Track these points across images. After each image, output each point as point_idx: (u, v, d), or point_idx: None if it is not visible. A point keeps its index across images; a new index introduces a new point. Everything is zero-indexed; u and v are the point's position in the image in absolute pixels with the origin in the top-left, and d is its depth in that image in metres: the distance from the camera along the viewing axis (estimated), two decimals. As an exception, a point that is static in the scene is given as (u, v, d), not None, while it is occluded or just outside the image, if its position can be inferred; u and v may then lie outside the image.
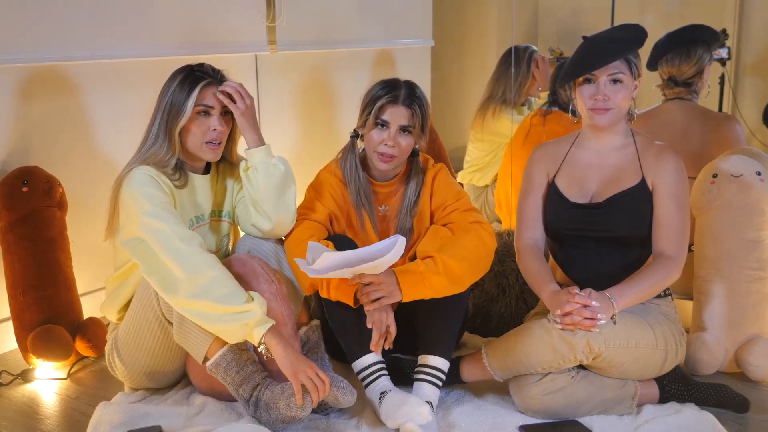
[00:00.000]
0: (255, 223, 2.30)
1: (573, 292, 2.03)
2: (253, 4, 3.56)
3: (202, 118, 2.18)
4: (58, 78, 2.86)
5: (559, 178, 2.29)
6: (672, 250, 2.13)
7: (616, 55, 2.12)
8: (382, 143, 2.24)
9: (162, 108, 2.17)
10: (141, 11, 3.09)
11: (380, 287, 2.07)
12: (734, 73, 5.33)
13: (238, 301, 2.00)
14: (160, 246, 2.04)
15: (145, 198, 2.08)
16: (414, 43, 4.65)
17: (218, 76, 2.21)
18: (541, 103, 3.64)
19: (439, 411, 2.18)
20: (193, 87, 2.15)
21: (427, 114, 2.28)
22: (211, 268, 2.02)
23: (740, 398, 2.19)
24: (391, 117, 2.23)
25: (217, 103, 2.19)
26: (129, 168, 2.15)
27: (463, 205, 2.32)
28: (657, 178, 2.17)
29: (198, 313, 2.02)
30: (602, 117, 2.16)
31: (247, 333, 2.01)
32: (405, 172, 2.37)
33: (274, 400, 2.03)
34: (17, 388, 2.49)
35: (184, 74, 2.18)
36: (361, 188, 2.32)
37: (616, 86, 2.13)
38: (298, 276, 2.21)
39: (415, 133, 2.26)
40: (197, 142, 2.19)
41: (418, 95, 2.27)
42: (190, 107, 2.14)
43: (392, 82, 2.28)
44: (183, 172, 2.22)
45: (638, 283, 2.10)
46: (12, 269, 2.59)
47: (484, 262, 2.23)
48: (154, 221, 2.05)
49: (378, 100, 2.24)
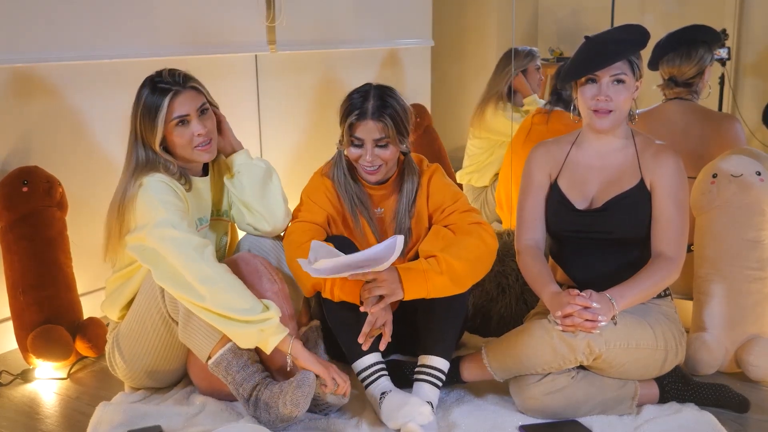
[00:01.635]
0: (250, 222, 2.35)
1: (573, 293, 2.02)
2: (253, 4, 3.56)
3: (181, 128, 2.16)
4: (59, 78, 2.86)
5: (561, 180, 2.29)
6: (671, 251, 2.13)
7: (619, 56, 2.11)
8: (362, 159, 2.23)
9: (137, 128, 2.15)
10: (141, 11, 3.09)
11: (382, 284, 2.07)
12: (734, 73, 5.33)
13: (255, 311, 2.02)
14: (173, 254, 2.04)
15: (163, 206, 2.07)
16: (414, 43, 4.65)
17: (181, 80, 2.16)
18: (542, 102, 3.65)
19: (439, 411, 2.18)
20: (161, 102, 2.11)
21: (403, 119, 2.22)
22: (224, 279, 2.04)
23: (740, 398, 2.19)
24: (363, 134, 2.20)
25: (190, 109, 2.15)
26: (137, 181, 2.12)
27: (462, 206, 2.31)
28: (655, 178, 2.17)
29: (214, 318, 2.03)
30: (604, 120, 2.15)
31: (262, 340, 2.03)
32: (398, 174, 2.36)
33: (273, 399, 2.03)
34: (17, 388, 2.49)
35: (149, 90, 2.14)
36: (355, 194, 2.31)
37: (619, 87, 2.13)
38: (299, 277, 2.21)
39: (393, 142, 2.21)
40: (187, 150, 2.18)
41: (389, 103, 2.21)
42: (161, 124, 2.11)
43: (362, 93, 2.22)
44: (186, 177, 2.23)
45: (638, 284, 2.10)
46: (12, 269, 2.59)
47: (485, 264, 2.23)
48: (168, 229, 2.05)
49: (348, 117, 2.21)
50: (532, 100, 4.04)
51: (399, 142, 2.23)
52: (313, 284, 2.16)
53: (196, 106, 2.17)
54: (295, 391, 2.00)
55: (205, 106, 2.20)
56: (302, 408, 2.01)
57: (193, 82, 2.18)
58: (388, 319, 2.12)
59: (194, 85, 2.18)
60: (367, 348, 2.14)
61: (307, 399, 2.01)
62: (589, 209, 2.22)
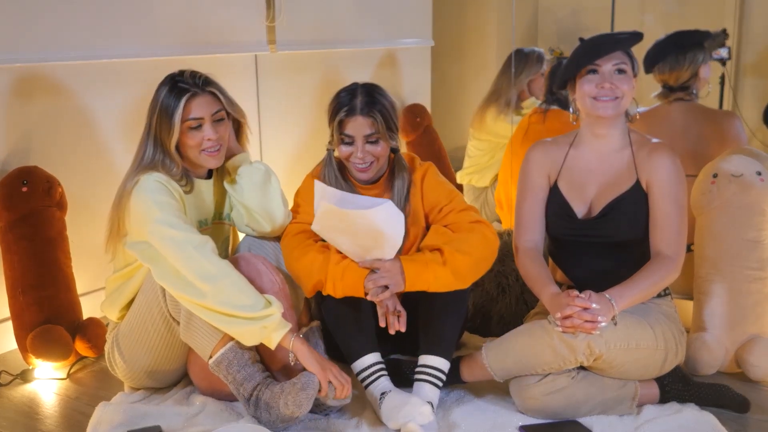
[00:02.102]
0: (249, 223, 2.36)
1: (573, 295, 2.02)
2: (253, 4, 3.55)
3: (194, 131, 2.17)
4: (58, 78, 2.86)
5: (561, 182, 2.28)
6: (670, 250, 2.13)
7: (619, 44, 2.14)
8: (353, 156, 2.23)
9: (152, 124, 2.16)
10: (141, 11, 3.09)
11: (386, 274, 2.09)
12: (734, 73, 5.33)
13: (257, 307, 2.02)
14: (174, 254, 2.04)
15: (157, 206, 2.07)
16: (414, 43, 4.64)
17: (200, 83, 2.17)
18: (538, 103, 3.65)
19: (439, 411, 2.18)
20: (178, 103, 2.12)
21: (391, 114, 2.24)
22: (227, 276, 2.04)
23: (740, 398, 2.19)
24: (353, 130, 2.21)
25: (205, 113, 2.16)
26: (135, 178, 2.14)
27: (458, 205, 2.30)
28: (651, 178, 2.16)
29: (215, 317, 2.03)
30: (607, 107, 2.13)
31: (265, 336, 2.03)
32: (389, 172, 2.35)
33: (273, 399, 2.03)
34: (17, 388, 2.49)
35: (168, 87, 2.15)
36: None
37: (621, 76, 2.13)
38: (300, 278, 2.21)
39: (383, 138, 2.23)
40: (195, 153, 2.19)
41: (377, 99, 2.22)
42: (177, 124, 2.13)
43: (350, 91, 2.24)
44: (189, 178, 2.24)
45: (637, 284, 2.09)
46: (12, 269, 2.59)
47: (488, 261, 2.22)
48: (167, 229, 2.05)
49: (337, 114, 2.22)
50: (531, 103, 4.04)
51: (389, 138, 2.24)
52: (314, 284, 2.16)
53: (211, 111, 2.18)
54: (299, 393, 2.00)
55: (221, 113, 2.21)
56: (304, 409, 2.01)
57: (212, 87, 2.19)
58: (398, 303, 2.14)
59: (213, 90, 2.19)
60: (393, 331, 2.14)
61: (310, 401, 2.02)
62: (588, 217, 2.22)
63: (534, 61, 4.04)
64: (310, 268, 2.16)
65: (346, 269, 2.11)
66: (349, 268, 2.12)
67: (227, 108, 2.23)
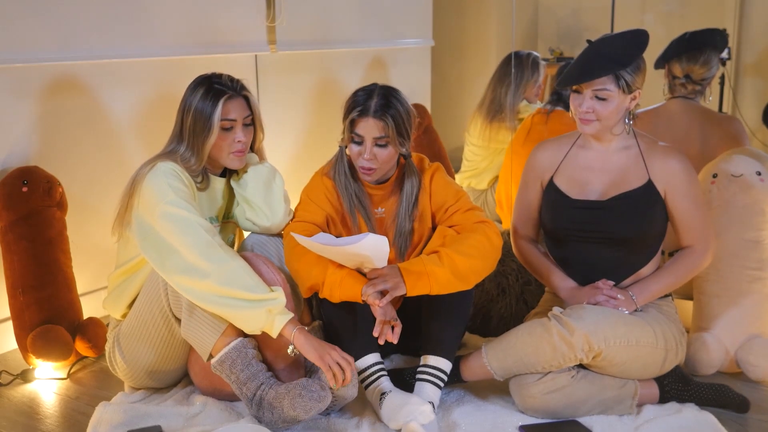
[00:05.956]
0: (250, 217, 2.38)
1: (608, 284, 2.18)
2: (253, 4, 3.56)
3: (225, 132, 2.20)
4: (59, 78, 2.86)
5: (558, 177, 2.30)
6: (701, 243, 2.22)
7: (596, 73, 2.12)
8: (360, 156, 2.23)
9: (187, 123, 2.19)
10: (141, 11, 3.09)
11: (386, 278, 2.08)
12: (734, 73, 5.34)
13: (262, 289, 2.04)
14: (182, 232, 2.06)
15: (172, 189, 2.10)
16: (414, 43, 4.65)
17: (237, 87, 2.22)
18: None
19: (439, 411, 2.18)
20: (216, 103, 2.16)
21: (405, 120, 2.22)
22: (233, 259, 2.06)
23: (740, 398, 2.20)
24: (364, 131, 2.20)
25: (238, 116, 2.21)
26: (151, 164, 2.17)
27: (464, 205, 2.30)
28: (669, 185, 2.20)
29: (218, 301, 2.02)
30: (587, 127, 2.19)
31: (269, 320, 2.03)
32: (398, 174, 2.35)
33: (278, 399, 2.03)
34: (17, 388, 2.49)
35: (205, 88, 2.18)
36: (354, 194, 2.31)
37: (600, 102, 2.15)
38: (299, 278, 2.21)
39: (393, 143, 2.21)
40: (224, 153, 2.23)
41: (392, 103, 2.20)
42: (216, 125, 2.16)
43: (367, 92, 2.23)
44: (206, 175, 2.27)
45: (660, 279, 2.21)
46: (12, 269, 2.59)
47: (490, 260, 2.22)
48: (179, 210, 2.07)
49: (350, 113, 2.22)
50: (524, 107, 4.04)
51: (399, 144, 2.22)
52: (310, 285, 2.16)
53: (243, 115, 2.22)
54: (313, 403, 1.99)
55: (250, 118, 2.25)
56: (311, 416, 2.02)
57: (246, 92, 2.24)
58: (394, 314, 2.13)
59: (247, 95, 2.24)
60: (383, 342, 2.13)
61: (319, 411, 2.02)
62: (590, 203, 2.23)
63: (528, 66, 4.02)
64: (309, 268, 2.16)
65: (344, 276, 2.11)
66: (348, 275, 2.12)
67: (255, 116, 2.27)
